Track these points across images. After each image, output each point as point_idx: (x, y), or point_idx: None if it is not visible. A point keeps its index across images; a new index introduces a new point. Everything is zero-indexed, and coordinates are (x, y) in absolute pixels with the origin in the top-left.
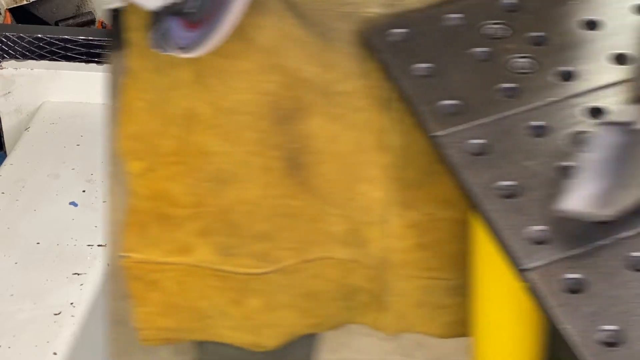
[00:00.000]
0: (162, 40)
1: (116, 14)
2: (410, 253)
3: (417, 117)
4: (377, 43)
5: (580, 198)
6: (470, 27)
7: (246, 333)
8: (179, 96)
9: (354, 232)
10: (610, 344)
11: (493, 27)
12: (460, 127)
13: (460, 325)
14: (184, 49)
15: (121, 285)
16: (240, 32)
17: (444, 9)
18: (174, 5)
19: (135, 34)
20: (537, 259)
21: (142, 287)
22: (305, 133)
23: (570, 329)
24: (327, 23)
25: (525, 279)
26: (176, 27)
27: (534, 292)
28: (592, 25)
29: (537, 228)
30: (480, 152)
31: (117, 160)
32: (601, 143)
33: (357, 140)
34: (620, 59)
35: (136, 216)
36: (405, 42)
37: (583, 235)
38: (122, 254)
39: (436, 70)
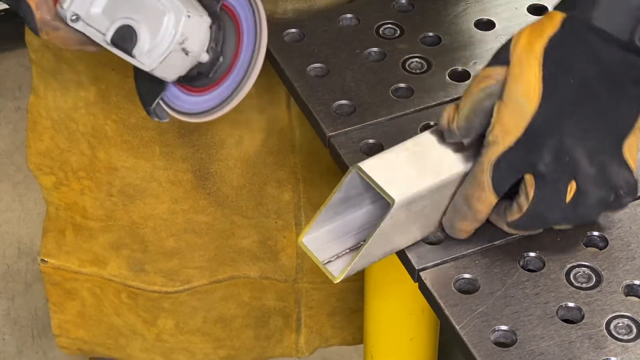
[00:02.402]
0: (159, 109)
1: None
2: None
3: (311, 117)
4: (271, 44)
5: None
6: (365, 28)
7: (158, 356)
8: (85, 115)
9: (264, 244)
10: (503, 344)
11: (387, 27)
12: (354, 128)
13: None
14: (192, 114)
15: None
16: None
17: (338, 9)
18: (191, 71)
19: (38, 54)
20: (429, 259)
21: (61, 293)
22: (212, 142)
23: (462, 330)
24: None
25: (417, 279)
26: (175, 93)
27: (425, 292)
28: (485, 25)
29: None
30: (373, 152)
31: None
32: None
33: (263, 142)
34: None
35: (54, 223)
36: (300, 43)
37: (476, 235)
38: (41, 258)
39: (330, 71)
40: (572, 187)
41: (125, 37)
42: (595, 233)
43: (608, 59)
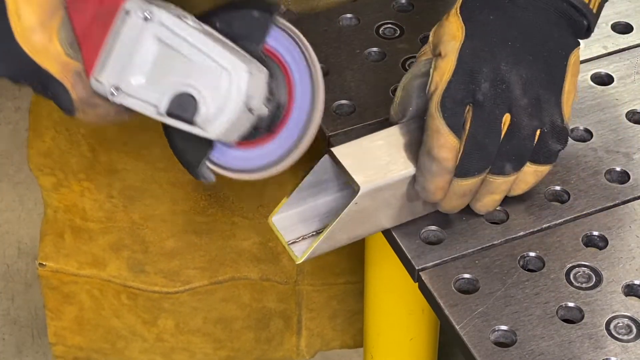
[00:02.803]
0: (205, 168)
1: None
2: (323, 258)
3: None
4: None
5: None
6: (365, 28)
7: (158, 356)
8: None
9: (265, 246)
10: (503, 344)
11: (387, 27)
12: (354, 128)
13: None
14: (248, 171)
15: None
16: None
17: (338, 9)
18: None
19: None
20: (429, 260)
21: (58, 298)
22: None
23: (462, 330)
24: None
25: (417, 279)
26: (223, 149)
27: (425, 292)
28: None
29: (431, 228)
30: None
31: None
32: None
33: None
34: None
35: (52, 226)
36: None
37: (476, 235)
38: (40, 262)
39: (330, 71)
40: (506, 119)
41: (184, 105)
42: (595, 233)
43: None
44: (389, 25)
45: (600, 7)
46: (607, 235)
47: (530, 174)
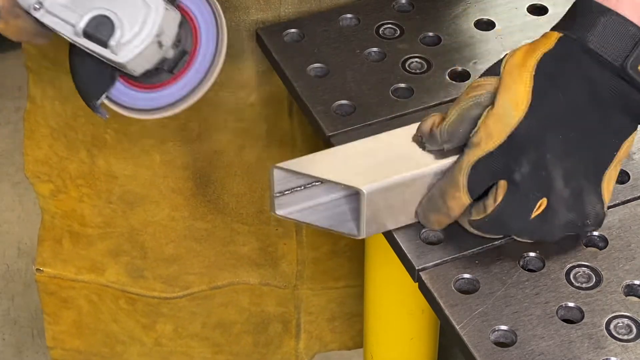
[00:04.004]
0: (101, 103)
1: None
2: (323, 262)
3: (311, 117)
4: (271, 44)
5: None
6: (365, 28)
7: None
8: (85, 123)
9: (264, 251)
10: (503, 344)
11: (387, 27)
12: (353, 128)
13: None
14: (144, 111)
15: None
16: None
17: (338, 9)
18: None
19: (34, 62)
20: (429, 260)
21: (56, 303)
22: (213, 150)
23: (462, 330)
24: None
25: (417, 279)
26: (121, 89)
27: (425, 292)
28: (485, 25)
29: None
30: None
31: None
32: None
33: (264, 149)
34: None
35: (50, 232)
36: (300, 43)
37: (476, 235)
38: (37, 267)
39: (330, 71)
40: (542, 203)
41: (101, 27)
42: (595, 233)
43: (599, 82)
44: (389, 25)
45: None
46: (607, 235)
47: None
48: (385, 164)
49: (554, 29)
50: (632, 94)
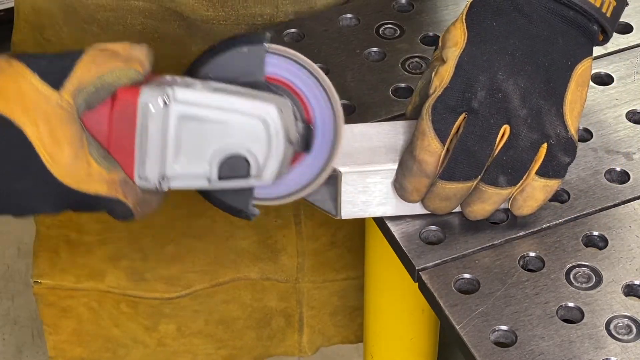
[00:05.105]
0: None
1: None
2: (323, 254)
3: None
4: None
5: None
6: (365, 28)
7: None
8: None
9: (264, 243)
10: (503, 344)
11: (387, 27)
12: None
13: None
14: (289, 195)
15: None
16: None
17: (338, 9)
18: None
19: None
20: (429, 259)
21: (55, 313)
22: None
23: (462, 330)
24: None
25: (417, 279)
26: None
27: (425, 292)
28: None
29: (431, 228)
30: None
31: None
32: None
33: None
34: None
35: (45, 243)
36: (300, 43)
37: (476, 235)
38: (34, 279)
39: (330, 71)
40: (505, 130)
41: (235, 166)
42: (595, 233)
43: (528, 6)
44: (389, 25)
45: (617, 10)
46: (607, 235)
47: (539, 189)
48: (375, 151)
49: None
50: (564, 11)
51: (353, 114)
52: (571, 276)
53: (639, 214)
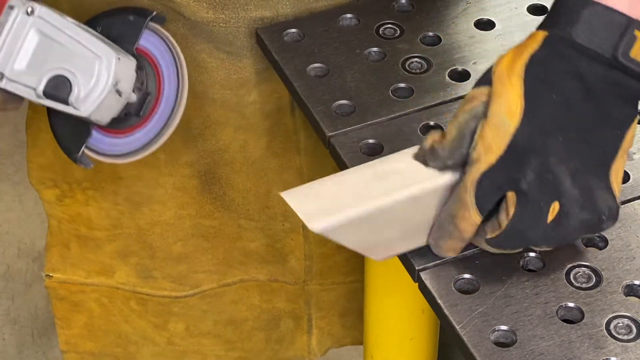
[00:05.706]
0: (84, 155)
1: None
2: (331, 257)
3: (311, 117)
4: (271, 44)
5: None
6: (365, 28)
7: None
8: None
9: (272, 247)
10: (503, 344)
11: (387, 27)
12: (354, 128)
13: None
14: (122, 155)
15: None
16: None
17: (338, 9)
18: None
19: None
20: (429, 260)
21: (67, 307)
22: (216, 147)
23: (462, 330)
24: (232, 41)
25: (417, 279)
26: (99, 138)
27: (425, 292)
28: (485, 25)
29: None
30: (373, 152)
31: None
32: None
33: (268, 145)
34: None
35: (57, 237)
36: (300, 43)
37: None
38: (46, 273)
39: (330, 71)
40: (554, 208)
41: (59, 86)
42: (596, 233)
43: (590, 76)
44: (389, 25)
45: None
46: (607, 235)
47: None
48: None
49: (539, 28)
50: (627, 82)
51: (353, 114)
52: (571, 276)
53: (639, 214)
